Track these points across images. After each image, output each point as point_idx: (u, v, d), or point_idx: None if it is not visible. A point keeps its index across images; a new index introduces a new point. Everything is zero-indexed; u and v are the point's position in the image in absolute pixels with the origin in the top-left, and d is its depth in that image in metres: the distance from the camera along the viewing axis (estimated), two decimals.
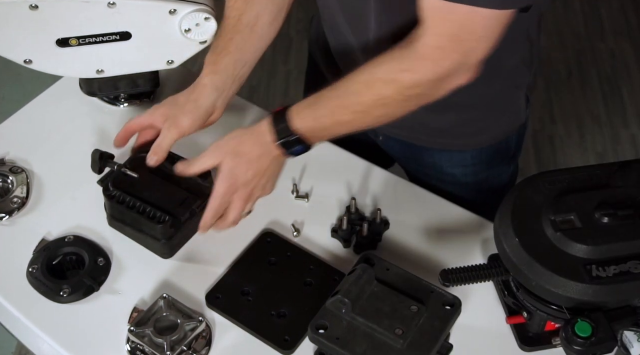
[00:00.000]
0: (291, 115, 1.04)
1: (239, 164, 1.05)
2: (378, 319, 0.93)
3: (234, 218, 1.09)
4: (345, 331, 0.93)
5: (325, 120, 1.03)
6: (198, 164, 1.09)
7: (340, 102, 1.02)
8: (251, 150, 1.05)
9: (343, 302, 0.94)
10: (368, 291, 0.96)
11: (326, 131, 1.05)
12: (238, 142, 1.06)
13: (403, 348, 0.91)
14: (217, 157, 1.07)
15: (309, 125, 1.04)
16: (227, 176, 1.06)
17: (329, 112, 1.03)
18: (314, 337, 0.94)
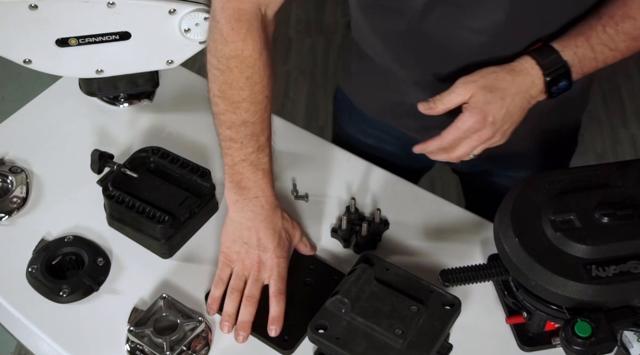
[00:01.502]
0: (558, 46, 0.97)
1: (494, 100, 0.96)
2: (378, 319, 0.93)
3: (461, 156, 1.01)
4: (345, 331, 0.93)
5: (598, 48, 0.98)
6: (447, 99, 0.98)
7: (615, 29, 0.97)
8: (509, 86, 0.97)
9: (343, 302, 0.94)
10: (368, 291, 0.96)
11: (595, 62, 0.99)
12: (495, 77, 0.97)
13: (403, 348, 0.91)
14: (469, 90, 0.97)
15: (580, 56, 0.98)
16: (478, 110, 0.96)
17: (602, 41, 0.97)
18: (313, 337, 0.94)
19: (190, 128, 1.30)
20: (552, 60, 0.97)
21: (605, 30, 0.97)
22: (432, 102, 0.98)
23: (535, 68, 0.97)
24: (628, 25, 0.97)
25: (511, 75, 0.97)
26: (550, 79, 0.97)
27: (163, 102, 1.36)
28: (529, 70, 0.97)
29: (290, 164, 1.25)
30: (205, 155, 1.26)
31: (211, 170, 1.17)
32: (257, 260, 1.05)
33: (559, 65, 0.97)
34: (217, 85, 1.04)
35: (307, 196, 1.20)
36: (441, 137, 0.99)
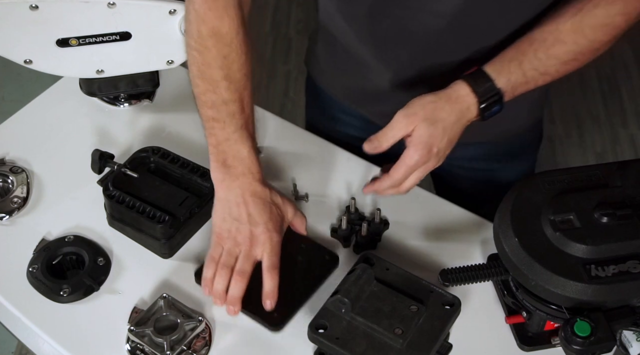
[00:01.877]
0: (491, 74, 1.00)
1: (436, 132, 0.99)
2: (378, 318, 0.94)
3: (409, 188, 1.04)
4: (344, 331, 0.93)
5: (530, 73, 1.00)
6: (390, 135, 1.00)
7: (546, 53, 0.99)
8: (449, 116, 0.99)
9: (343, 302, 0.94)
10: (368, 291, 0.97)
11: (526, 85, 1.01)
12: (434, 108, 0.99)
13: (403, 348, 0.91)
14: (411, 124, 0.99)
15: (513, 82, 1.00)
16: (423, 145, 0.99)
17: (533, 66, 0.99)
18: (313, 337, 0.94)
19: (190, 128, 1.30)
20: (486, 89, 0.99)
21: (536, 55, 0.99)
22: (375, 141, 1.01)
23: (470, 95, 0.99)
24: (559, 50, 0.99)
25: (449, 104, 0.99)
26: (484, 106, 1.00)
27: (163, 102, 1.36)
28: (465, 97, 0.99)
29: (290, 164, 1.26)
30: (205, 155, 1.26)
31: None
32: (249, 236, 1.05)
33: (493, 93, 0.99)
34: (196, 66, 1.05)
35: (307, 196, 1.21)
36: (390, 176, 1.02)
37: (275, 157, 1.27)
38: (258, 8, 2.94)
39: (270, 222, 1.06)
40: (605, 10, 0.97)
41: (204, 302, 1.07)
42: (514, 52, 1.00)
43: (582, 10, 0.97)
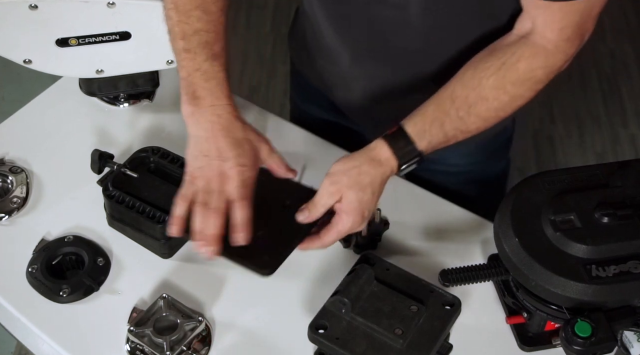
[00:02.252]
0: (413, 137, 0.98)
1: (366, 197, 0.98)
2: (378, 318, 0.93)
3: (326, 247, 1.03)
4: (345, 331, 0.93)
5: (451, 133, 0.99)
6: (320, 205, 0.99)
7: (467, 112, 0.98)
8: (374, 179, 0.98)
9: (343, 302, 0.94)
10: (368, 291, 0.96)
11: (446, 144, 1.01)
12: (358, 174, 0.98)
13: (403, 348, 0.91)
14: (338, 192, 0.98)
15: (434, 144, 0.99)
16: (356, 211, 0.98)
17: (454, 126, 0.99)
18: (313, 337, 0.94)
19: None
20: (407, 152, 0.98)
21: (458, 114, 0.98)
22: (307, 211, 1.00)
23: (392, 158, 0.98)
24: (481, 108, 0.98)
25: (373, 167, 0.98)
26: (404, 167, 1.00)
27: (163, 102, 1.36)
28: (387, 160, 0.98)
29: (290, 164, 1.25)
30: None
31: None
32: (218, 172, 1.00)
33: (414, 155, 0.99)
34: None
35: None
36: (322, 240, 1.00)
37: None
38: (258, 8, 2.94)
39: (240, 157, 1.01)
40: (527, 64, 0.96)
41: (204, 303, 1.07)
42: (436, 111, 0.98)
43: (505, 64, 0.96)
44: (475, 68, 0.98)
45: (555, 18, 0.94)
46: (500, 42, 1.00)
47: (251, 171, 1.01)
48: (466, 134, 1.00)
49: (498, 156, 1.33)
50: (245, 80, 2.69)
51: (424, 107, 0.99)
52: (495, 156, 1.32)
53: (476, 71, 0.98)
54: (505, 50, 0.98)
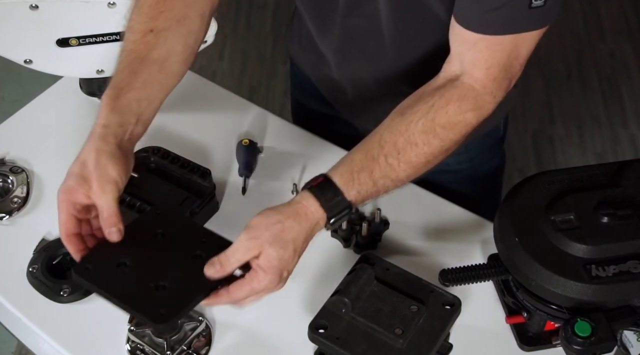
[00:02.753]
0: (341, 187, 0.92)
1: (286, 255, 0.90)
2: (378, 318, 0.93)
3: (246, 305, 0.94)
4: (345, 331, 0.93)
5: (381, 182, 0.94)
6: (234, 259, 0.90)
7: (397, 158, 0.94)
8: (298, 236, 0.91)
9: (343, 302, 0.94)
10: (368, 291, 0.96)
11: (376, 194, 0.95)
12: (281, 229, 0.90)
13: (403, 348, 0.91)
14: (257, 248, 0.89)
15: (364, 194, 0.93)
16: (273, 270, 0.89)
17: (384, 174, 0.94)
18: (313, 337, 0.94)
19: (190, 128, 1.30)
20: (336, 203, 0.92)
21: (387, 160, 0.93)
22: (217, 264, 0.89)
23: (319, 211, 0.92)
24: (410, 153, 0.94)
25: (297, 222, 0.91)
26: (333, 220, 0.93)
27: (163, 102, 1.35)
28: (314, 214, 0.92)
29: (290, 164, 1.25)
30: (205, 155, 1.26)
31: (211, 170, 1.17)
32: None
33: (343, 207, 0.92)
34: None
35: None
36: (230, 294, 0.90)
37: (275, 157, 1.27)
38: (258, 8, 2.94)
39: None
40: (457, 107, 0.94)
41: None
42: (364, 159, 0.94)
43: (433, 107, 0.94)
44: (403, 113, 0.95)
45: (482, 56, 0.93)
46: (428, 86, 0.97)
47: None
48: (396, 182, 0.95)
49: (490, 154, 1.33)
50: (245, 80, 2.69)
51: (351, 155, 0.95)
52: (487, 154, 1.32)
53: (404, 116, 0.94)
54: (434, 93, 0.95)
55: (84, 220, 0.94)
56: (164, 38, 0.99)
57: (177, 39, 1.00)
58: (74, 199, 0.92)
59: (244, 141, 1.25)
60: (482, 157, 1.31)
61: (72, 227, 0.92)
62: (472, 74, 0.95)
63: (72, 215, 0.92)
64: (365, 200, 0.95)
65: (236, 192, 1.22)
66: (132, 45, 0.98)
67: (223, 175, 1.23)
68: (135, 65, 0.98)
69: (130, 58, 0.98)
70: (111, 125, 0.94)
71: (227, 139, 1.29)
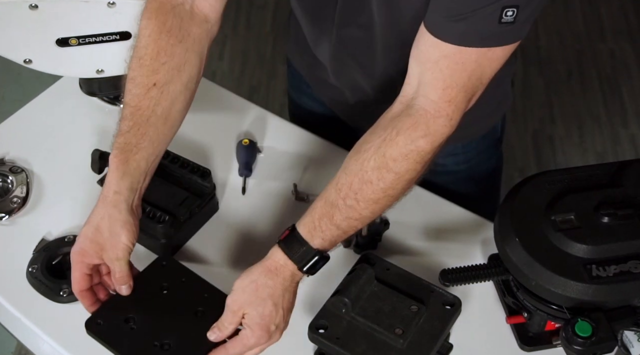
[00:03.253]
0: (305, 236, 0.95)
1: (267, 311, 0.94)
2: (378, 318, 0.93)
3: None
4: (345, 331, 0.93)
5: (343, 224, 0.94)
6: (227, 323, 0.96)
7: (355, 198, 0.93)
8: (274, 291, 0.95)
9: (343, 302, 0.94)
10: (368, 291, 0.96)
11: (345, 235, 0.96)
12: (255, 288, 0.95)
13: (403, 348, 0.91)
14: (240, 310, 0.95)
15: (329, 238, 0.95)
16: (259, 327, 0.94)
17: (345, 216, 0.94)
18: (313, 337, 0.94)
19: (190, 128, 1.30)
20: (302, 253, 0.94)
21: (346, 203, 0.93)
22: (217, 330, 0.96)
23: (289, 263, 0.94)
24: (367, 192, 0.93)
25: (271, 278, 0.95)
26: (306, 268, 0.95)
27: None
28: (284, 267, 0.95)
29: (290, 164, 1.25)
30: (205, 155, 1.26)
31: (211, 170, 1.17)
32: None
33: (310, 255, 0.94)
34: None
35: (308, 197, 1.20)
36: (227, 351, 0.96)
37: (275, 157, 1.27)
38: (258, 8, 2.94)
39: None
40: (407, 136, 0.91)
41: None
42: (323, 206, 0.94)
43: (385, 141, 0.92)
44: (358, 151, 0.94)
45: (441, 76, 0.90)
46: (384, 116, 0.96)
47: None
48: (361, 220, 0.95)
49: (488, 155, 1.32)
50: (245, 80, 2.69)
51: (313, 204, 0.96)
52: (485, 155, 1.32)
53: (358, 155, 0.94)
54: (387, 125, 0.94)
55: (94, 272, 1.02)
56: (167, 91, 1.02)
57: (179, 88, 1.03)
58: (88, 260, 0.99)
59: (244, 141, 1.25)
60: (479, 158, 1.31)
61: (85, 284, 1.00)
62: (427, 96, 0.91)
63: (85, 274, 1.00)
64: (335, 244, 0.96)
65: (236, 192, 1.22)
66: (136, 101, 1.01)
67: (223, 175, 1.23)
68: (142, 124, 1.01)
69: (135, 117, 1.01)
70: (123, 192, 1.00)
71: (227, 139, 1.29)
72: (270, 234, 1.16)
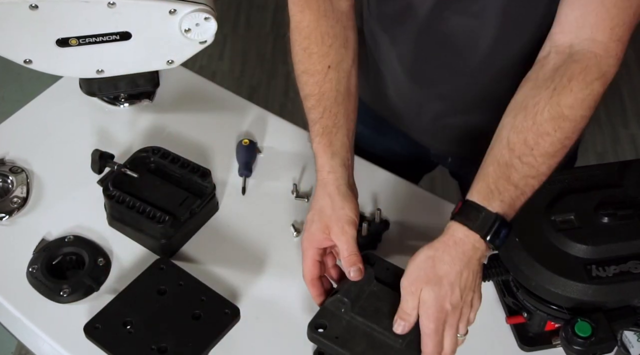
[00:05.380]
0: (482, 203, 0.89)
1: (442, 291, 0.89)
2: (377, 318, 0.93)
3: (453, 349, 0.92)
4: (344, 330, 0.93)
5: (522, 183, 0.89)
6: (407, 308, 0.90)
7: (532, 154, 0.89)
8: (451, 268, 0.89)
9: (342, 302, 0.94)
10: (367, 291, 0.96)
11: (523, 196, 0.90)
12: (432, 265, 0.89)
13: (402, 347, 0.91)
14: (417, 290, 0.90)
15: (508, 200, 0.89)
16: (432, 310, 0.89)
17: (523, 174, 0.89)
18: (313, 336, 0.94)
19: (190, 128, 1.30)
20: (482, 220, 0.89)
21: (522, 160, 0.89)
22: (400, 320, 0.91)
23: (470, 234, 0.89)
24: (545, 145, 0.89)
25: (448, 253, 0.89)
26: (490, 237, 0.89)
27: (163, 102, 1.36)
28: (464, 239, 0.89)
29: (290, 164, 1.26)
30: (205, 155, 1.26)
31: (211, 170, 1.17)
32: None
33: (492, 221, 0.88)
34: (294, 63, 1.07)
35: (308, 196, 1.20)
36: (424, 352, 0.91)
37: (275, 157, 1.27)
38: (258, 8, 2.94)
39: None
40: (581, 81, 0.89)
41: None
42: (497, 169, 0.90)
43: (556, 90, 0.89)
44: (524, 107, 0.90)
45: (608, 15, 0.88)
46: (541, 71, 0.92)
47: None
48: (539, 177, 0.91)
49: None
50: (245, 80, 2.69)
51: (483, 169, 0.91)
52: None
53: (527, 111, 0.90)
54: (553, 76, 0.90)
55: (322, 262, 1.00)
56: (342, 70, 1.05)
57: (350, 63, 1.06)
58: (317, 244, 0.99)
59: (244, 141, 1.25)
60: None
61: (317, 272, 0.99)
62: (595, 38, 0.89)
63: (316, 261, 0.99)
64: (515, 207, 0.90)
65: (236, 192, 1.22)
66: (317, 88, 1.04)
67: (223, 175, 1.23)
68: (332, 106, 1.04)
69: (323, 101, 1.04)
70: (337, 169, 1.01)
71: (227, 139, 1.29)
72: (270, 234, 1.16)
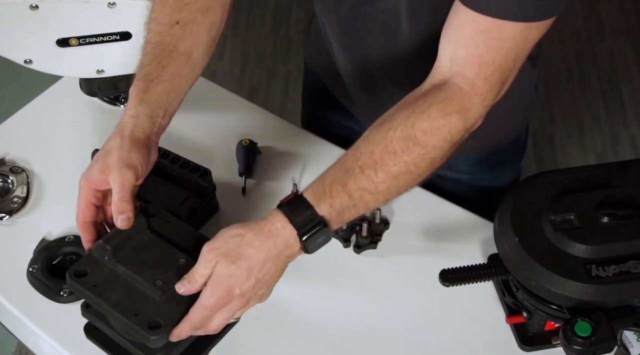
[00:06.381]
0: (311, 201, 0.87)
1: (237, 272, 0.85)
2: (140, 268, 0.89)
3: (219, 327, 0.89)
4: (104, 279, 0.89)
5: (357, 194, 0.87)
6: (199, 274, 0.87)
7: (374, 168, 0.87)
8: (256, 253, 0.86)
9: (105, 249, 0.90)
10: (137, 240, 0.92)
11: (355, 209, 0.89)
12: (239, 243, 0.86)
13: (162, 301, 0.87)
14: (212, 260, 0.86)
15: (338, 207, 0.87)
16: (222, 286, 0.85)
17: (360, 186, 0.87)
18: (71, 283, 0.90)
19: (190, 128, 1.30)
20: (306, 218, 0.86)
21: (363, 172, 0.87)
22: (186, 282, 0.87)
23: (287, 227, 0.86)
24: (389, 163, 0.87)
25: (259, 238, 0.86)
26: (306, 238, 0.86)
27: None
28: (280, 230, 0.86)
29: (290, 164, 1.26)
30: (205, 155, 1.26)
31: (212, 170, 1.17)
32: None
33: (314, 222, 0.86)
34: None
35: None
36: (189, 318, 0.87)
37: (275, 157, 1.27)
38: (258, 8, 2.94)
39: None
40: (440, 109, 0.87)
41: None
42: (337, 172, 0.88)
43: (414, 112, 0.87)
44: (382, 123, 0.89)
45: (477, 52, 0.86)
46: (412, 95, 0.91)
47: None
48: (376, 196, 0.88)
49: (511, 164, 1.31)
50: (245, 80, 2.69)
51: (325, 171, 0.90)
52: (508, 164, 1.30)
53: (382, 126, 0.88)
54: (416, 100, 0.89)
55: (100, 207, 0.95)
56: (190, 30, 1.00)
57: (202, 30, 1.01)
58: (94, 185, 0.93)
59: (244, 141, 1.25)
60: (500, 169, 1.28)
61: (90, 215, 0.94)
62: (463, 73, 0.87)
63: (91, 203, 0.93)
64: (343, 217, 0.89)
65: (236, 192, 1.22)
66: (158, 37, 0.99)
67: (223, 175, 1.23)
68: (163, 57, 0.98)
69: (157, 50, 0.99)
70: (140, 116, 0.95)
71: (227, 139, 1.29)
72: None
